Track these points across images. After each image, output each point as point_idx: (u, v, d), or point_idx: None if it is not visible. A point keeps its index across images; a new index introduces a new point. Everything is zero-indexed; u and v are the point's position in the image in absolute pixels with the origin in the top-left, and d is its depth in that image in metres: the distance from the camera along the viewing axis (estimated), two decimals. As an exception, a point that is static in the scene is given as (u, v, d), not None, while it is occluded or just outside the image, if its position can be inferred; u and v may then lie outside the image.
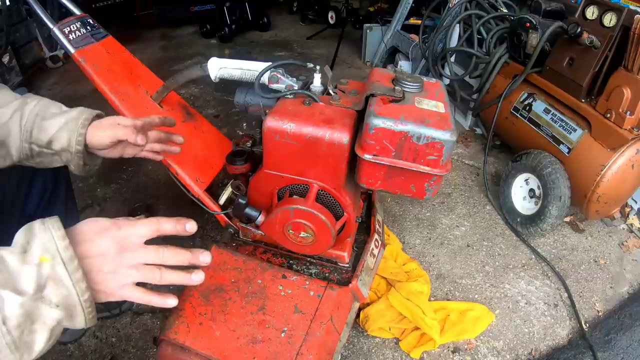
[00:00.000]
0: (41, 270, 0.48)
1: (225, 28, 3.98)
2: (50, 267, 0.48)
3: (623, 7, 1.43)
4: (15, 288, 0.46)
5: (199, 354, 0.88)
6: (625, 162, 1.43)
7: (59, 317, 0.49)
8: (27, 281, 0.47)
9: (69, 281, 0.49)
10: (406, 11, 3.03)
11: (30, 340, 0.48)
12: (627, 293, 1.51)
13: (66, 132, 0.79)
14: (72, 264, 0.49)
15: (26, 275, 0.47)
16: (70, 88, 2.95)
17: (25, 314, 0.46)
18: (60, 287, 0.49)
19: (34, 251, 0.49)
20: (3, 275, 0.47)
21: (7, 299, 0.45)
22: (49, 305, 0.48)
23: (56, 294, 0.49)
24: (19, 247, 0.50)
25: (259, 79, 0.97)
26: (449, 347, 1.28)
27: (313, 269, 1.08)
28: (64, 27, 0.97)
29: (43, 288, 0.48)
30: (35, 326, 0.48)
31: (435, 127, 0.77)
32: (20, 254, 0.48)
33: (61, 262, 0.49)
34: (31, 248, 0.49)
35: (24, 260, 0.48)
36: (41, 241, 0.49)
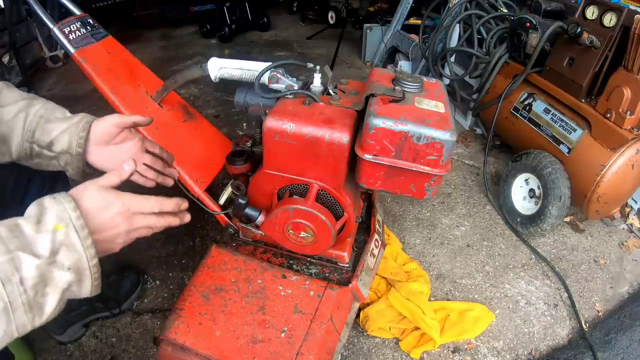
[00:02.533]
0: (55, 237, 0.53)
1: (225, 28, 3.98)
2: (64, 234, 0.54)
3: (623, 7, 1.43)
4: (32, 251, 0.51)
5: (199, 354, 0.88)
6: (625, 162, 1.43)
7: (69, 279, 0.54)
8: (42, 246, 0.52)
9: (81, 247, 0.55)
10: (406, 11, 3.03)
11: (43, 302, 0.52)
12: (627, 293, 1.51)
13: (67, 134, 0.81)
14: (84, 232, 0.56)
15: (42, 240, 0.53)
16: (70, 88, 2.95)
17: (40, 276, 0.51)
18: (72, 251, 0.54)
19: (49, 220, 0.54)
20: (20, 240, 0.51)
21: (25, 261, 0.50)
22: (61, 268, 0.53)
23: (68, 258, 0.54)
24: (33, 218, 0.54)
25: (259, 79, 0.97)
26: (449, 347, 1.28)
27: (313, 269, 1.08)
28: (64, 27, 0.97)
29: (56, 253, 0.53)
30: (48, 289, 0.52)
31: (435, 127, 0.77)
32: (35, 224, 0.53)
33: (74, 230, 0.55)
34: (45, 218, 0.54)
35: (38, 229, 0.53)
36: (55, 211, 0.55)
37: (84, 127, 0.81)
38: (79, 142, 0.80)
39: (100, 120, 0.83)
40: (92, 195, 0.61)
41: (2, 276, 0.48)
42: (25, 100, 0.83)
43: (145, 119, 0.85)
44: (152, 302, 1.39)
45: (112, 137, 0.85)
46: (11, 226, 0.52)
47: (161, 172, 0.94)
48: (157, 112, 1.11)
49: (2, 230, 0.51)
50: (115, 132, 0.84)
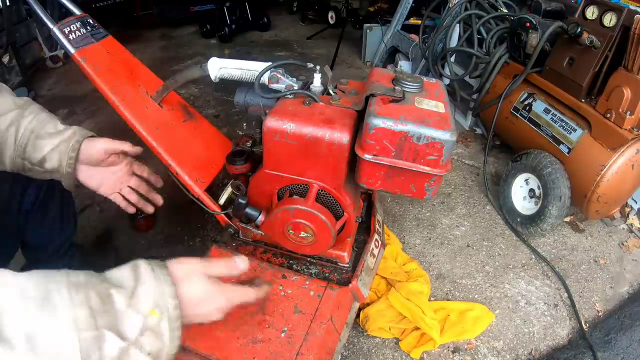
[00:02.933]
0: (147, 321, 0.50)
1: (225, 28, 3.98)
2: (157, 321, 0.51)
3: (623, 7, 1.43)
4: (119, 331, 0.48)
5: (199, 354, 0.88)
6: (625, 162, 1.43)
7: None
8: (132, 328, 0.49)
9: (167, 338, 0.52)
10: (406, 11, 3.03)
11: None
12: (627, 293, 1.51)
13: (57, 153, 0.81)
14: (176, 323, 0.53)
15: (133, 321, 0.49)
16: (70, 88, 2.95)
17: (119, 357, 0.48)
18: (157, 340, 0.51)
19: (145, 301, 0.51)
20: (110, 316, 0.48)
21: (109, 341, 0.47)
22: (140, 351, 0.50)
23: (152, 345, 0.50)
24: (127, 290, 0.51)
25: (259, 79, 0.97)
26: (449, 347, 1.28)
27: (313, 269, 1.08)
28: (64, 27, 0.97)
29: (142, 335, 0.50)
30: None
31: (435, 127, 0.77)
32: (128, 297, 0.50)
33: (167, 320, 0.52)
34: (140, 294, 0.51)
35: (131, 304, 0.50)
36: (153, 293, 0.52)
37: (74, 147, 0.82)
38: (69, 162, 0.81)
39: (90, 142, 0.84)
40: (195, 285, 0.59)
41: (83, 352, 0.45)
42: (17, 110, 0.82)
43: (135, 148, 0.88)
44: (152, 302, 1.39)
45: (100, 161, 0.87)
46: (103, 295, 0.49)
47: (145, 196, 0.96)
48: (157, 112, 1.11)
49: (94, 299, 0.48)
50: (104, 157, 0.86)
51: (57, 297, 0.45)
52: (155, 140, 1.03)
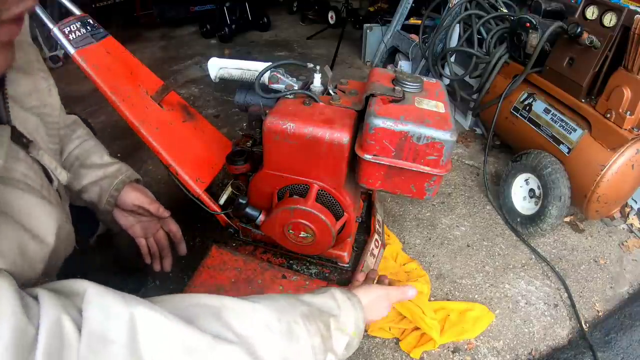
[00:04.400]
0: (350, 342, 0.65)
1: (225, 28, 3.97)
2: (356, 340, 0.66)
3: (623, 7, 1.43)
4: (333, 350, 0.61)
5: (199, 354, 0.88)
6: (625, 162, 1.43)
7: None
8: (340, 346, 0.63)
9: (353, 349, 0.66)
10: (406, 11, 3.03)
11: None
12: (627, 293, 1.51)
13: (98, 188, 0.81)
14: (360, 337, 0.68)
15: (341, 342, 0.63)
16: (70, 88, 2.94)
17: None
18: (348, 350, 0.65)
19: (349, 325, 0.65)
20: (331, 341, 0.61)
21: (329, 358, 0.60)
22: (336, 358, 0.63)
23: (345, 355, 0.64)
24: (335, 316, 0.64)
25: (259, 79, 0.97)
26: (449, 347, 1.28)
27: (313, 269, 1.08)
28: (64, 27, 0.97)
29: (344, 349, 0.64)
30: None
31: (435, 127, 0.77)
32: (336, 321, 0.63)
33: (358, 338, 0.67)
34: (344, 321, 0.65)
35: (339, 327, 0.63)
36: (354, 319, 0.66)
37: (117, 187, 0.81)
38: (109, 200, 0.81)
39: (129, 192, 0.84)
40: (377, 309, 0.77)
41: None
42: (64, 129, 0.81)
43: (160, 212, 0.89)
44: (152, 302, 1.38)
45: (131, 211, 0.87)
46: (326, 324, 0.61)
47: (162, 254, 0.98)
48: (157, 112, 1.11)
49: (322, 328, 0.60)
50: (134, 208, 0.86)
51: (297, 329, 0.56)
52: (155, 140, 1.03)
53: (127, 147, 2.15)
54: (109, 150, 0.94)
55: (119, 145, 2.18)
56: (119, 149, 2.16)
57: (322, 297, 0.65)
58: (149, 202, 0.87)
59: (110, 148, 2.22)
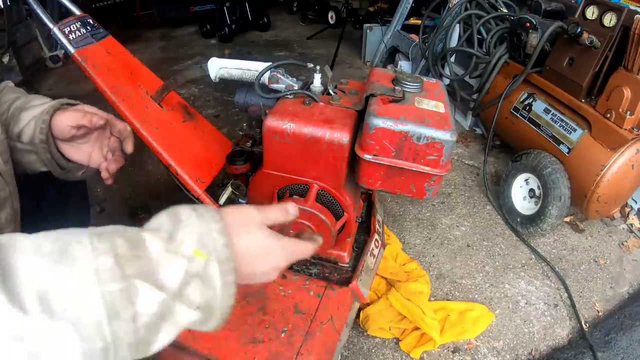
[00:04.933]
0: (191, 266, 0.41)
1: (225, 28, 3.98)
2: (204, 263, 0.41)
3: (623, 7, 1.43)
4: (157, 282, 0.39)
5: (198, 354, 0.88)
6: (625, 162, 1.43)
7: (194, 319, 0.42)
8: (171, 276, 0.40)
9: (219, 283, 0.42)
10: (406, 11, 3.03)
11: (153, 339, 0.40)
12: (627, 293, 1.51)
13: (33, 123, 0.74)
14: (228, 265, 0.43)
15: (172, 268, 0.40)
16: (70, 88, 2.94)
17: (159, 314, 0.39)
18: (207, 288, 0.42)
19: (187, 242, 0.41)
20: (142, 263, 0.39)
21: (143, 294, 0.38)
22: (187, 305, 0.41)
23: (200, 295, 0.42)
24: (165, 233, 0.42)
25: (259, 79, 0.97)
26: (449, 347, 1.28)
27: (313, 269, 1.08)
28: (64, 27, 0.97)
29: (187, 285, 0.41)
30: (164, 325, 0.40)
31: (435, 127, 0.77)
32: (166, 242, 0.41)
33: (216, 261, 0.42)
34: (180, 237, 0.42)
35: (169, 250, 0.41)
36: (197, 232, 0.42)
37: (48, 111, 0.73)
38: (41, 128, 0.72)
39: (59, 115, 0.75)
40: (254, 236, 0.48)
41: (110, 310, 0.36)
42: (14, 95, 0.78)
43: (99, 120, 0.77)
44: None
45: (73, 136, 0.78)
46: (133, 240, 0.40)
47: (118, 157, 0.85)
48: (157, 112, 1.11)
49: (122, 246, 0.39)
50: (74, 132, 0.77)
51: (76, 247, 0.37)
52: (155, 140, 1.03)
53: (127, 147, 2.15)
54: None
55: (119, 145, 2.18)
56: (119, 149, 2.16)
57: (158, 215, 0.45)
58: (81, 116, 0.75)
59: (110, 148, 2.19)
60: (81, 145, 0.81)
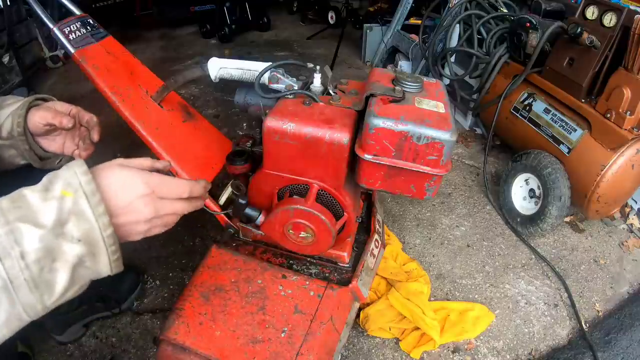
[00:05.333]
0: (63, 205, 0.47)
1: (225, 28, 3.97)
2: (73, 201, 0.48)
3: (623, 7, 1.43)
4: (35, 222, 0.46)
5: (199, 354, 0.88)
6: (625, 162, 1.43)
7: (80, 252, 0.48)
8: (47, 215, 0.46)
9: (91, 214, 0.48)
10: (406, 11, 3.03)
11: (51, 279, 0.46)
12: (627, 293, 1.51)
13: (11, 116, 0.80)
14: (95, 198, 0.49)
15: (47, 209, 0.47)
16: (70, 88, 2.94)
17: (45, 249, 0.45)
18: (81, 221, 0.48)
19: (56, 187, 0.48)
20: (22, 210, 0.46)
21: (25, 233, 0.44)
22: (70, 240, 0.47)
23: (78, 228, 0.48)
24: (41, 186, 0.49)
25: (259, 79, 0.97)
26: (449, 347, 1.28)
27: (313, 269, 1.08)
28: (64, 27, 0.97)
29: (64, 223, 0.47)
30: (56, 264, 0.46)
31: (435, 127, 0.77)
32: (42, 192, 0.48)
33: (83, 196, 0.48)
34: (53, 185, 0.48)
35: (45, 197, 0.47)
36: (64, 177, 0.49)
37: (23, 106, 0.80)
38: (18, 122, 0.79)
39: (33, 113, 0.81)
40: (112, 172, 0.54)
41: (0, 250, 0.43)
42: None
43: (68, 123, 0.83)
44: (152, 302, 1.39)
45: (47, 131, 0.84)
46: (15, 197, 0.47)
47: None
48: (157, 112, 1.11)
49: (4, 202, 0.46)
50: (48, 128, 0.83)
51: None
52: (155, 140, 1.03)
53: (127, 147, 2.15)
54: (108, 150, 0.93)
55: (118, 145, 2.18)
56: (119, 149, 2.16)
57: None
58: (52, 116, 0.81)
59: (110, 148, 2.22)
60: (55, 137, 0.88)
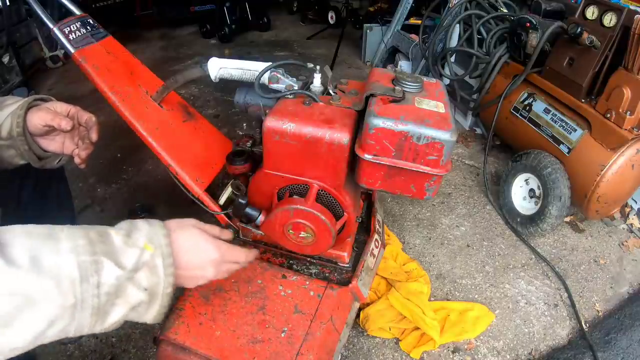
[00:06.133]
0: (142, 255, 0.54)
1: (225, 28, 3.98)
2: (151, 255, 0.55)
3: (623, 7, 1.43)
4: (117, 261, 0.52)
5: (199, 354, 0.88)
6: (625, 162, 1.43)
7: (141, 299, 0.55)
8: (128, 259, 0.53)
9: (162, 272, 0.56)
10: (406, 11, 3.03)
11: (109, 312, 0.52)
12: (627, 293, 1.51)
13: (10, 117, 0.81)
14: (169, 260, 0.57)
15: (129, 254, 0.53)
16: (70, 88, 2.95)
17: (117, 286, 0.52)
18: (153, 274, 0.55)
19: (139, 238, 0.56)
20: (107, 247, 0.52)
21: (106, 267, 0.51)
22: (137, 287, 0.54)
23: (147, 279, 0.55)
24: (124, 231, 0.56)
25: (259, 79, 0.97)
26: (449, 347, 1.28)
27: (313, 269, 1.08)
28: (64, 27, 0.97)
29: (137, 270, 0.54)
30: (118, 300, 0.52)
31: (435, 127, 0.77)
32: (125, 237, 0.55)
33: (160, 255, 0.56)
34: (135, 235, 0.56)
35: (127, 242, 0.54)
36: (148, 233, 0.57)
37: (22, 106, 0.81)
38: (18, 122, 0.80)
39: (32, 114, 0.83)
40: (189, 235, 0.63)
41: (82, 274, 0.49)
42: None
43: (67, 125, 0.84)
44: (152, 302, 1.39)
45: (45, 132, 0.85)
46: (101, 232, 0.54)
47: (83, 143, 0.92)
48: (157, 112, 1.11)
49: (93, 234, 0.52)
50: (45, 129, 0.84)
51: (59, 232, 0.51)
52: (155, 140, 1.02)
53: (127, 147, 2.15)
54: (108, 150, 0.93)
55: (119, 145, 2.18)
56: (119, 149, 2.16)
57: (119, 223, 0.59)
58: (51, 117, 0.83)
59: (110, 148, 2.22)
60: (55, 137, 0.89)
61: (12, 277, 0.45)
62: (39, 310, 0.46)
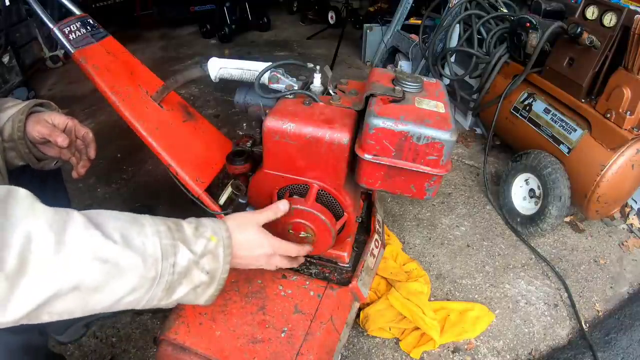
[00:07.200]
0: (208, 244, 0.65)
1: (225, 28, 3.98)
2: (215, 245, 0.66)
3: (623, 7, 1.43)
4: (190, 247, 0.62)
5: (199, 354, 0.88)
6: (625, 162, 1.43)
7: (202, 280, 0.64)
8: (198, 246, 0.63)
9: (222, 260, 0.66)
10: (406, 11, 3.03)
11: (175, 289, 0.61)
12: (627, 293, 1.51)
13: (11, 120, 0.83)
14: (228, 250, 0.68)
15: (198, 242, 0.64)
16: (70, 88, 2.95)
17: (187, 267, 0.61)
18: (214, 261, 0.65)
19: (206, 230, 0.66)
20: (182, 235, 0.63)
21: (182, 251, 0.61)
22: (201, 270, 0.64)
23: (210, 264, 0.65)
24: (193, 224, 0.66)
25: (259, 79, 0.97)
26: (449, 347, 1.28)
27: (313, 269, 1.08)
28: (64, 27, 0.97)
29: (203, 256, 0.64)
30: (185, 280, 0.62)
31: (435, 127, 0.77)
32: (194, 229, 0.65)
33: (222, 245, 0.67)
34: (201, 228, 0.66)
35: (196, 233, 0.65)
36: (213, 227, 0.68)
37: (23, 111, 0.84)
38: (19, 126, 0.83)
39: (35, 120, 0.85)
40: (247, 232, 0.74)
41: (163, 253, 0.58)
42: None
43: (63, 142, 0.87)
44: (152, 302, 1.39)
45: (43, 140, 0.87)
46: (176, 222, 0.64)
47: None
48: (157, 112, 1.11)
49: (170, 223, 0.63)
50: (43, 140, 0.87)
51: (142, 219, 0.61)
52: (155, 140, 1.03)
53: (127, 147, 2.15)
54: (108, 150, 0.94)
55: (119, 145, 2.18)
56: (119, 149, 2.16)
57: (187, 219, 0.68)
58: (49, 133, 0.86)
59: (110, 148, 2.22)
60: (53, 145, 0.91)
61: (109, 248, 0.54)
62: (125, 279, 0.55)
